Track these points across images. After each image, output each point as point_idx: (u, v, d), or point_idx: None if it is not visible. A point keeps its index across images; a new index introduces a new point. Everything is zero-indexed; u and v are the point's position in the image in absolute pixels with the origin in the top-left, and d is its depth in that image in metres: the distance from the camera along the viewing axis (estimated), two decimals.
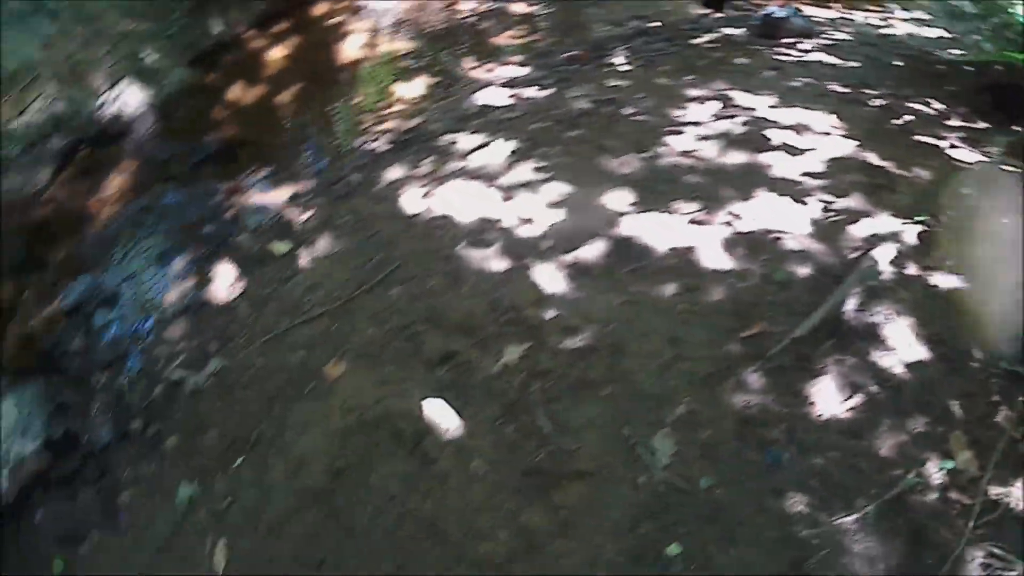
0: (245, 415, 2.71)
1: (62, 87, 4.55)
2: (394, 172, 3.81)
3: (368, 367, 2.65)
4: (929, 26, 5.27)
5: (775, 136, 3.54)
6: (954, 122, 3.71)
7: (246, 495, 2.44)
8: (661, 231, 2.94)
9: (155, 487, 2.67)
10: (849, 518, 1.94)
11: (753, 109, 3.80)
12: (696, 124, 3.67)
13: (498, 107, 4.19)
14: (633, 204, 3.12)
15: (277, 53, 5.55)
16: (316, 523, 2.25)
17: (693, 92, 4.02)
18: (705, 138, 3.54)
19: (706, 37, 4.87)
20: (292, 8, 6.02)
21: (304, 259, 3.41)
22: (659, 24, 5.31)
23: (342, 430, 2.45)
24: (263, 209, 3.95)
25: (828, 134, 3.61)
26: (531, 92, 4.33)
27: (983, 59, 4.30)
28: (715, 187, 3.17)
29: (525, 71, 4.70)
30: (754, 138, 3.53)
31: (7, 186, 4.13)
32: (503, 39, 5.32)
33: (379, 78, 5.04)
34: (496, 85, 4.51)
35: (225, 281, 3.48)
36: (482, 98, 4.37)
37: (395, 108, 4.60)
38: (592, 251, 2.91)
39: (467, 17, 5.79)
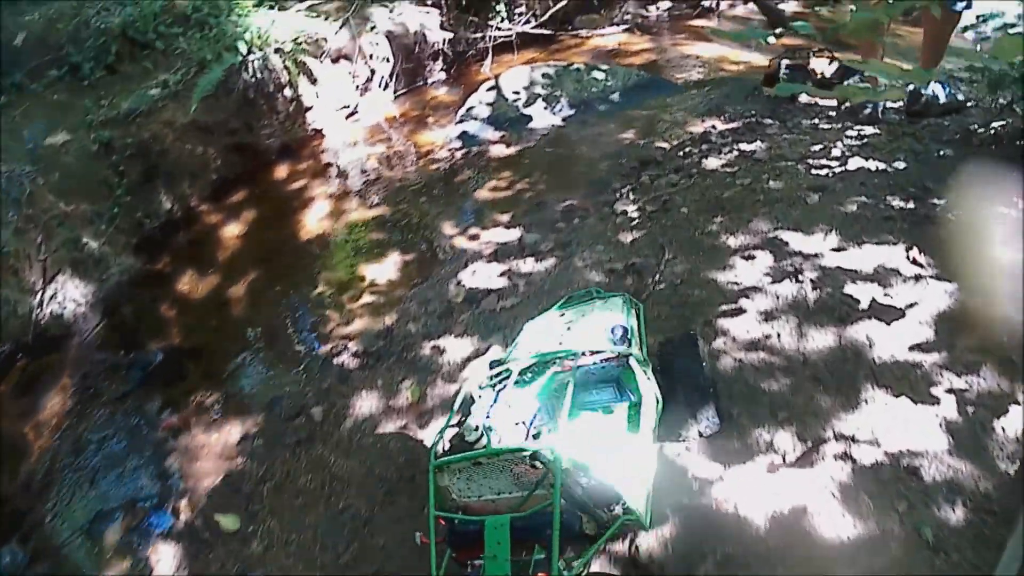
0: None
1: None
2: (365, 403, 2.98)
3: None
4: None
5: (857, 293, 2.75)
6: None
7: None
8: (751, 493, 2.08)
9: None
10: None
11: (816, 256, 2.97)
12: (754, 291, 2.79)
13: (489, 292, 3.34)
14: (702, 453, 2.17)
15: (233, 230, 4.84)
16: None
17: (732, 241, 3.19)
18: (772, 315, 2.64)
19: (719, 160, 4.01)
20: (250, 173, 5.39)
21: (256, 544, 2.57)
22: (662, 148, 4.48)
23: None
24: (208, 454, 3.12)
25: (918, 278, 2.79)
26: (527, 265, 3.49)
27: None
28: (805, 396, 2.36)
29: (516, 234, 3.88)
30: (833, 303, 2.72)
31: None
32: (487, 192, 4.53)
33: (346, 258, 4.19)
34: (484, 258, 3.67)
35: (165, 566, 2.65)
36: (468, 279, 3.52)
37: (365, 299, 3.76)
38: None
39: (443, 167, 5.05)
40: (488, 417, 1.69)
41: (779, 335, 2.63)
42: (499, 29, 6.71)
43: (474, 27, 6.70)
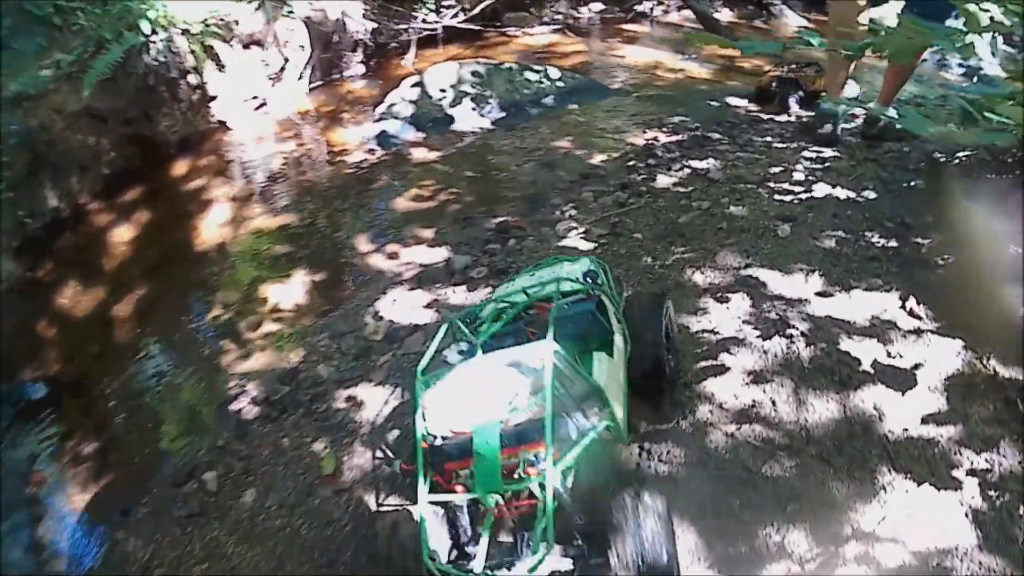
0: None
1: None
2: (268, 470, 2.45)
3: None
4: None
5: (855, 351, 2.37)
6: None
7: None
8: None
9: None
10: None
11: (801, 303, 2.61)
12: (736, 344, 2.37)
13: (413, 329, 2.81)
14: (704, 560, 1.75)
15: (124, 233, 4.10)
16: None
17: (700, 278, 2.76)
18: (762, 376, 2.23)
19: (669, 179, 3.58)
20: (146, 168, 4.65)
21: None
22: (604, 161, 4.03)
23: None
24: (84, 521, 2.46)
25: (919, 332, 2.45)
26: (457, 295, 2.98)
27: None
28: (815, 483, 1.96)
29: (442, 255, 3.33)
30: (831, 363, 2.36)
31: None
32: (408, 202, 3.95)
33: (247, 274, 3.54)
34: (405, 283, 3.11)
35: None
36: (387, 309, 2.95)
37: (267, 328, 3.13)
38: None
39: (359, 171, 4.42)
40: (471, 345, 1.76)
41: (774, 402, 2.20)
42: (425, 22, 6.12)
43: (399, 18, 6.09)
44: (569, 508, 1.47)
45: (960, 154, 3.76)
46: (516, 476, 1.45)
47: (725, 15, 7.52)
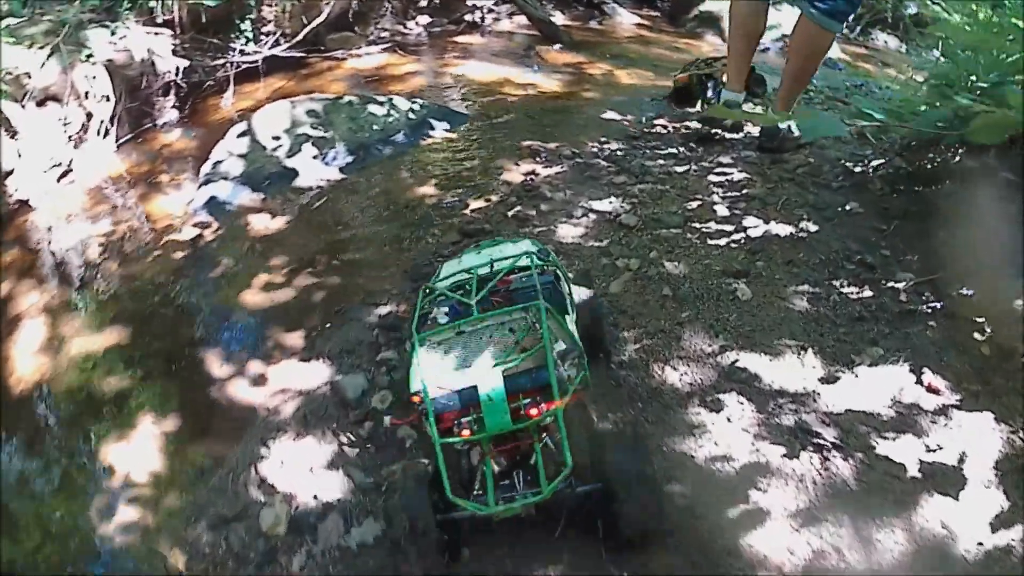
0: None
1: None
2: None
3: None
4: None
5: (894, 453, 1.95)
6: None
7: None
8: None
9: None
10: None
11: (809, 396, 2.20)
12: (761, 474, 1.91)
13: (323, 508, 2.00)
14: None
15: None
16: None
17: (675, 379, 2.24)
18: (811, 516, 1.82)
19: (573, 228, 3.10)
20: None
21: None
22: (482, 207, 3.42)
23: None
24: None
25: (944, 411, 2.08)
26: (365, 439, 2.19)
27: None
28: None
29: (323, 372, 2.58)
30: (876, 476, 1.98)
31: None
32: (260, 295, 3.14)
33: (78, 429, 2.62)
34: (288, 428, 2.33)
35: None
36: (276, 476, 2.18)
37: (120, 518, 2.21)
38: None
39: (192, 254, 3.50)
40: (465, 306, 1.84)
41: (839, 550, 1.67)
42: (243, 53, 5.17)
43: (214, 51, 5.10)
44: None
45: (874, 163, 3.48)
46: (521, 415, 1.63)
47: (558, 18, 7.09)
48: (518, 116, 4.79)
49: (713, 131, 4.02)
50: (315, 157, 4.03)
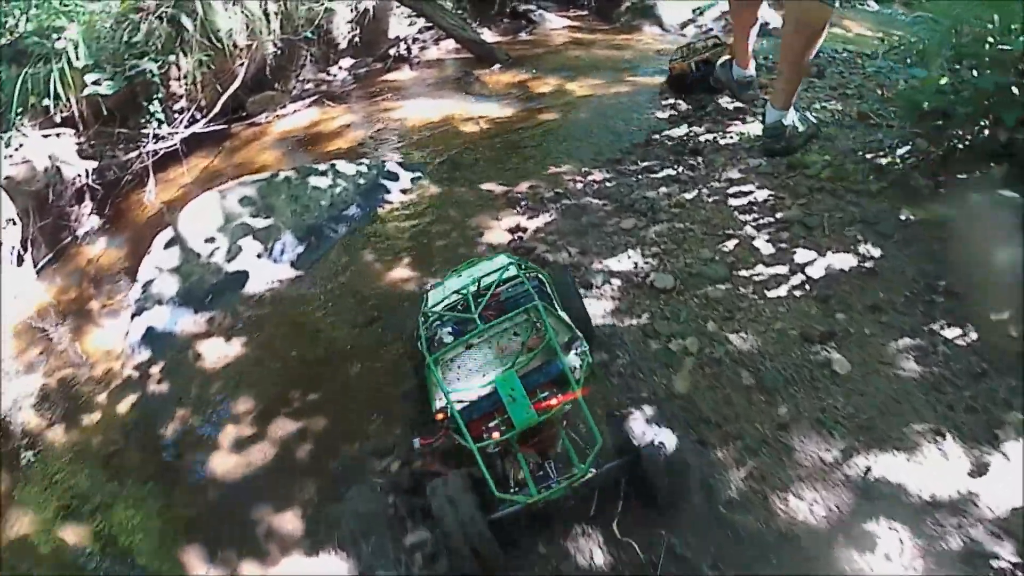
0: None
1: None
2: None
3: None
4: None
5: None
6: None
7: None
8: None
9: None
10: None
11: (971, 503, 1.71)
12: None
13: None
14: None
15: None
16: None
17: (799, 509, 1.64)
18: None
19: (595, 301, 2.59)
20: None
21: None
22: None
23: None
24: None
25: None
26: None
27: None
28: None
29: (341, 571, 1.92)
30: None
31: None
32: (233, 458, 2.54)
33: None
34: None
35: None
36: None
37: None
38: None
39: (140, 403, 2.91)
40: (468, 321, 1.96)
41: None
42: (158, 138, 4.50)
43: (125, 143, 4.42)
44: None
45: (899, 151, 3.02)
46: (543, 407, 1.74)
47: (487, 35, 6.54)
48: (478, 157, 4.23)
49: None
50: (260, 255, 3.41)
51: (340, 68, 5.79)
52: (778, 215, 2.87)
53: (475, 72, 5.60)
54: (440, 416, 1.78)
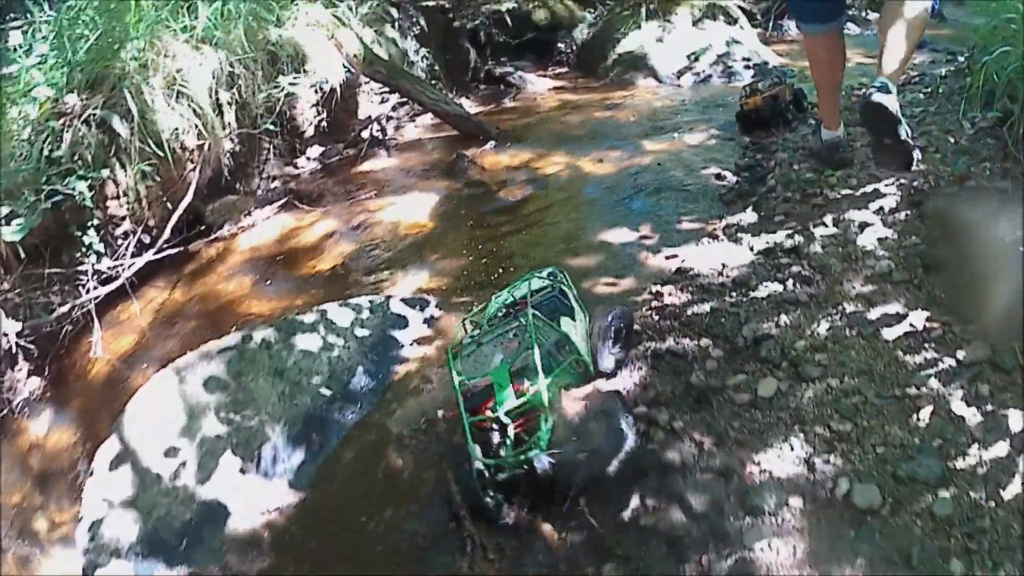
0: None
1: None
2: None
3: None
4: None
5: None
6: None
7: None
8: None
9: None
10: None
11: None
12: None
13: None
14: None
15: None
16: None
17: None
18: None
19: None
20: None
21: None
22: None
23: None
24: None
25: None
26: None
27: None
28: None
29: None
30: None
31: None
32: None
33: None
34: None
35: None
36: None
37: None
38: None
39: None
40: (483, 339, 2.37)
41: None
42: (100, 275, 3.53)
43: (60, 285, 3.44)
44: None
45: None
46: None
47: (467, 106, 5.75)
48: (501, 269, 3.40)
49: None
50: (244, 470, 2.46)
51: (308, 159, 4.89)
52: (959, 354, 2.07)
53: (467, 153, 4.78)
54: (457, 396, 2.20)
